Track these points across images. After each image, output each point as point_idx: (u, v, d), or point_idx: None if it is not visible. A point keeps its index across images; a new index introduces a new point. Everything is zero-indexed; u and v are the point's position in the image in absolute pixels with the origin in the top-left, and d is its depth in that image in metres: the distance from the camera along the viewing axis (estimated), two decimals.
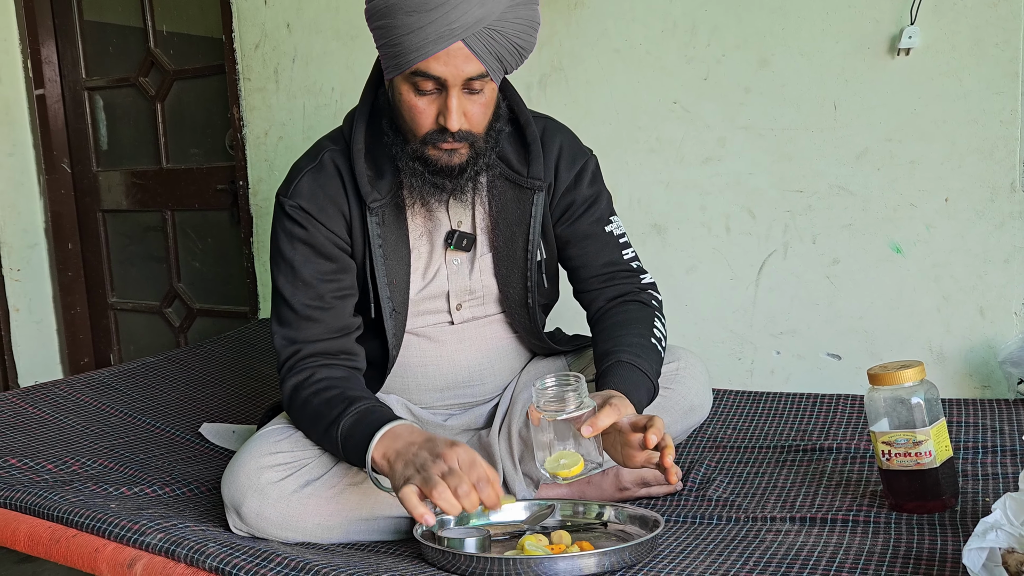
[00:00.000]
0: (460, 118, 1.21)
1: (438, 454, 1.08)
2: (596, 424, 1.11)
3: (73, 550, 1.21)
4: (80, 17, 2.94)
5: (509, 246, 1.38)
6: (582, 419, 1.12)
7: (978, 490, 1.26)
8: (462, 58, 1.18)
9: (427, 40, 1.16)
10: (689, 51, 1.88)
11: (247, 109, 2.50)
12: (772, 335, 1.90)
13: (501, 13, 1.17)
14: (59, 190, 3.02)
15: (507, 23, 1.19)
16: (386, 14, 1.18)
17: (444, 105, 1.21)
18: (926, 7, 1.66)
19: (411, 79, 1.21)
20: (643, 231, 1.98)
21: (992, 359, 1.70)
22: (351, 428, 1.18)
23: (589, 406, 1.13)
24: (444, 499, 1.03)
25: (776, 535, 1.17)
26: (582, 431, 1.11)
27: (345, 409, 1.20)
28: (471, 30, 1.16)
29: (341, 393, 1.24)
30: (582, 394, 1.14)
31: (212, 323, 2.86)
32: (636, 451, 1.14)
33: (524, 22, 1.21)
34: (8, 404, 1.83)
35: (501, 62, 1.22)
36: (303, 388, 1.26)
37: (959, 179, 1.69)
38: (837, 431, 1.57)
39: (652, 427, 1.11)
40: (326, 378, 1.27)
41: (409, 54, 1.18)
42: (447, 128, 1.21)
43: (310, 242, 1.31)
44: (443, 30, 1.15)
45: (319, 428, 1.23)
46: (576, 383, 1.14)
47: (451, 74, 1.18)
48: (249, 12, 2.44)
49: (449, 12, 1.14)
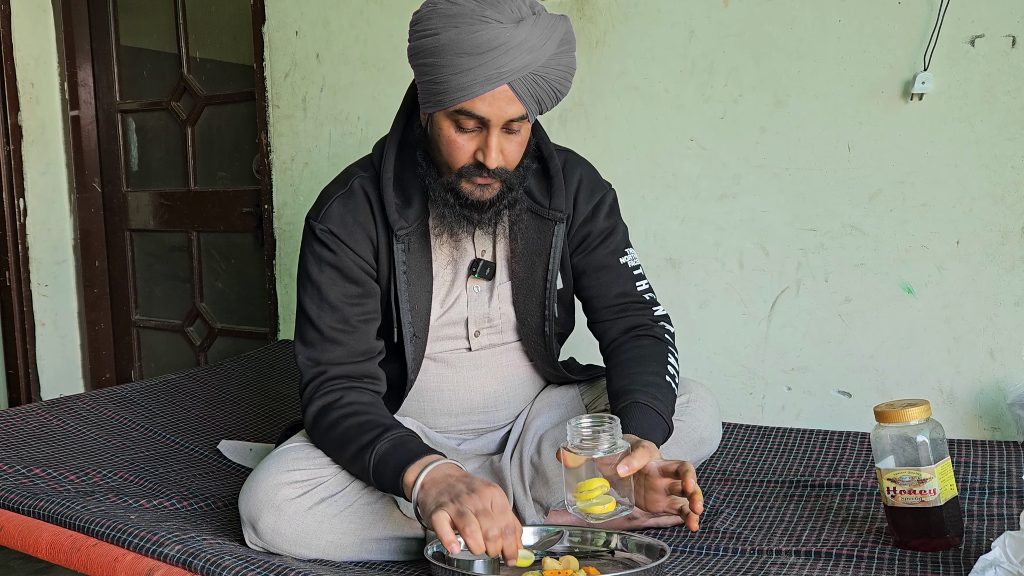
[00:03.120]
0: (499, 157, 1.25)
1: (474, 489, 1.10)
2: (631, 464, 1.13)
3: (93, 559, 1.24)
4: (117, 42, 3.03)
5: (529, 275, 1.41)
6: (616, 459, 1.14)
7: (983, 530, 1.27)
8: (506, 100, 1.22)
9: (475, 82, 1.19)
10: (707, 90, 1.93)
11: (275, 135, 2.57)
12: (783, 371, 1.92)
13: (547, 60, 1.22)
14: (89, 209, 3.09)
15: (551, 69, 1.23)
16: (435, 53, 1.21)
17: (484, 143, 1.25)
18: (939, 54, 1.70)
19: (453, 116, 1.24)
20: (658, 265, 2.01)
21: (1001, 401, 1.71)
22: (386, 453, 1.20)
23: (623, 447, 1.15)
24: (473, 537, 1.06)
25: (781, 568, 1.19)
26: (619, 470, 1.12)
27: (380, 435, 1.22)
28: (517, 75, 1.20)
29: (374, 420, 1.26)
30: (616, 435, 1.15)
31: (232, 343, 2.91)
32: (660, 495, 1.16)
33: (565, 68, 1.26)
34: (34, 416, 1.87)
35: (540, 104, 1.26)
36: (331, 410, 1.29)
37: (970, 222, 1.71)
38: (845, 468, 1.58)
39: (688, 472, 1.14)
40: (355, 402, 1.29)
41: (454, 92, 1.21)
42: (484, 165, 1.25)
43: (338, 265, 1.34)
44: (491, 73, 1.19)
45: (349, 450, 1.25)
46: (611, 423, 1.15)
47: (494, 115, 1.22)
48: (280, 42, 2.52)
49: (499, 57, 1.18)
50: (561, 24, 1.24)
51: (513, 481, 1.40)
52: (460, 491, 1.10)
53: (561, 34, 1.23)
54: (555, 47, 1.22)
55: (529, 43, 1.20)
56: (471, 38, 1.18)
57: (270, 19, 2.52)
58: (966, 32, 1.68)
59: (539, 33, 1.20)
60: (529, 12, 1.21)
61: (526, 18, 1.20)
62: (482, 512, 1.08)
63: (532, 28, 1.20)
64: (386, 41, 2.33)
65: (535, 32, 1.20)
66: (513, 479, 1.40)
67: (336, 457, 1.29)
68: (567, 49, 1.25)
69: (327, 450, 1.30)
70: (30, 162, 2.99)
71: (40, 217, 3.03)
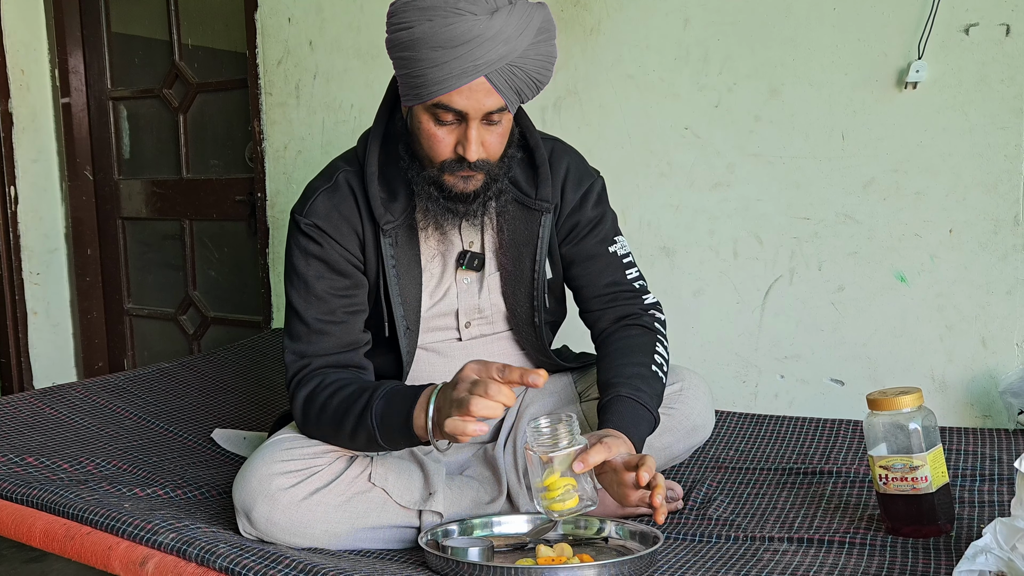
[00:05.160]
0: (479, 149, 1.24)
1: (455, 382, 1.12)
2: (587, 460, 1.14)
3: (87, 547, 1.24)
4: (108, 29, 3.01)
5: (517, 266, 1.41)
6: (574, 455, 1.15)
7: (974, 517, 1.28)
8: (483, 92, 1.21)
9: (451, 75, 1.19)
10: (701, 79, 1.92)
11: (268, 123, 2.56)
12: (777, 359, 1.92)
13: (523, 50, 1.21)
14: (81, 197, 3.08)
15: (528, 59, 1.22)
16: (410, 47, 1.20)
17: (464, 136, 1.24)
18: (934, 42, 1.70)
19: (432, 110, 1.23)
20: (652, 253, 2.01)
21: (993, 389, 1.72)
22: (385, 412, 1.20)
23: (580, 443, 1.16)
24: (483, 408, 1.06)
25: (774, 555, 1.19)
26: (574, 467, 1.14)
27: (371, 397, 1.22)
28: (494, 66, 1.19)
29: (358, 387, 1.26)
30: (574, 432, 1.17)
31: (226, 331, 2.91)
32: (631, 490, 1.17)
33: (544, 58, 1.25)
34: (26, 404, 1.87)
35: (519, 95, 1.25)
36: (317, 395, 1.28)
37: (963, 211, 1.72)
38: (838, 455, 1.59)
39: (643, 466, 1.14)
40: (337, 379, 1.29)
41: (431, 86, 1.20)
42: (465, 158, 1.25)
43: (324, 258, 1.34)
44: (467, 66, 1.18)
45: (347, 425, 1.24)
46: (568, 421, 1.17)
47: (472, 108, 1.22)
48: (273, 29, 2.50)
49: (474, 50, 1.17)
50: (538, 13, 1.22)
51: (507, 469, 1.40)
52: (450, 396, 1.11)
53: (539, 23, 1.22)
54: (532, 36, 1.21)
55: (504, 34, 1.18)
56: (445, 31, 1.17)
57: (262, 6, 2.51)
58: (960, 20, 1.68)
59: (515, 23, 1.19)
60: (505, 2, 1.20)
61: (501, 8, 1.19)
62: (473, 385, 1.08)
63: (507, 18, 1.18)
64: (379, 28, 2.29)
65: (510, 22, 1.19)
66: (507, 467, 1.40)
67: (337, 440, 1.28)
68: (546, 38, 1.24)
69: (325, 437, 1.30)
70: (21, 150, 2.97)
71: (32, 205, 3.01)
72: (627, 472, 1.16)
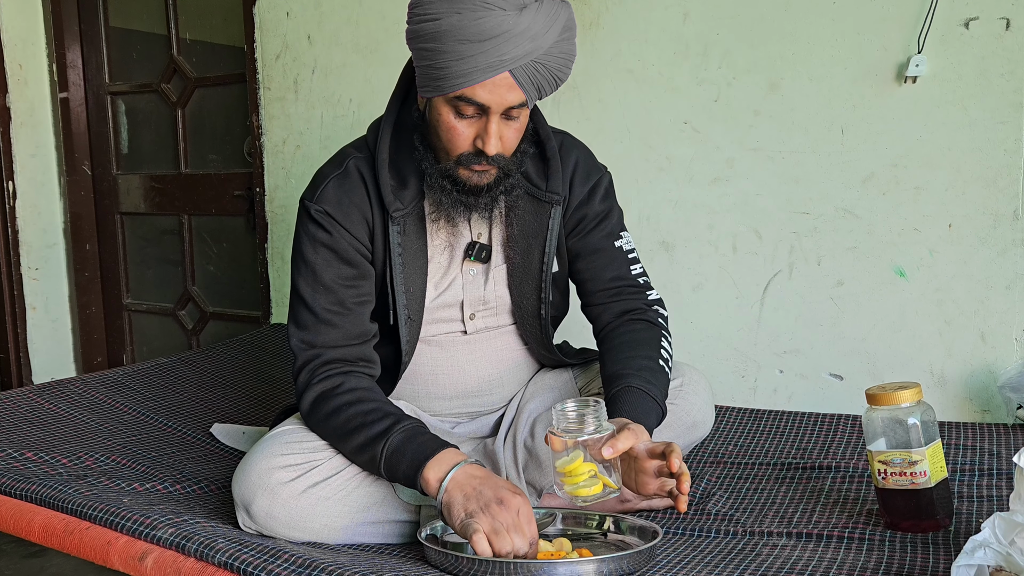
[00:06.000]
0: (498, 143, 1.24)
1: (502, 500, 1.11)
2: (616, 446, 1.13)
3: (86, 542, 1.24)
4: (106, 23, 3.00)
5: (525, 258, 1.41)
6: (602, 441, 1.14)
7: (972, 511, 1.28)
8: (506, 87, 1.21)
9: (476, 68, 1.18)
10: (701, 73, 1.92)
11: (266, 118, 2.55)
12: (776, 354, 1.92)
13: (548, 48, 1.21)
14: (79, 192, 3.08)
15: (551, 57, 1.22)
16: (435, 39, 1.20)
17: (483, 130, 1.24)
18: (933, 37, 1.69)
19: (453, 102, 1.23)
20: (651, 248, 2.01)
21: (992, 384, 1.72)
22: (400, 446, 1.20)
23: (608, 429, 1.15)
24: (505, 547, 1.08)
25: (772, 549, 1.19)
26: (603, 452, 1.13)
27: (392, 426, 1.22)
28: (519, 62, 1.19)
29: (380, 408, 1.26)
30: (601, 417, 1.15)
31: (224, 327, 2.90)
32: (650, 478, 1.17)
33: (565, 56, 1.25)
34: (25, 399, 1.87)
35: (540, 91, 1.25)
36: (332, 397, 1.28)
37: (963, 206, 1.72)
38: (837, 450, 1.59)
39: (673, 452, 1.14)
40: (356, 388, 1.29)
41: (455, 79, 1.20)
42: (483, 151, 1.25)
43: (333, 247, 1.34)
44: (493, 61, 1.18)
45: (355, 439, 1.24)
46: (596, 406, 1.15)
47: (495, 102, 1.22)
48: (271, 23, 2.50)
49: (501, 44, 1.17)
50: (563, 11, 1.23)
51: (507, 464, 1.40)
52: (488, 500, 1.11)
53: (563, 21, 1.22)
54: (557, 34, 1.21)
55: (532, 31, 1.18)
56: (474, 25, 1.17)
57: (261, 0, 2.50)
58: (960, 15, 1.68)
59: (542, 20, 1.19)
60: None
61: (529, 5, 1.19)
62: (513, 528, 1.09)
63: (535, 15, 1.19)
64: (378, 22, 2.31)
65: (538, 19, 1.19)
66: (507, 462, 1.40)
67: (338, 445, 1.28)
68: (568, 36, 1.24)
69: (327, 437, 1.29)
70: (19, 144, 2.97)
71: (30, 200, 3.01)
72: (650, 460, 1.16)
